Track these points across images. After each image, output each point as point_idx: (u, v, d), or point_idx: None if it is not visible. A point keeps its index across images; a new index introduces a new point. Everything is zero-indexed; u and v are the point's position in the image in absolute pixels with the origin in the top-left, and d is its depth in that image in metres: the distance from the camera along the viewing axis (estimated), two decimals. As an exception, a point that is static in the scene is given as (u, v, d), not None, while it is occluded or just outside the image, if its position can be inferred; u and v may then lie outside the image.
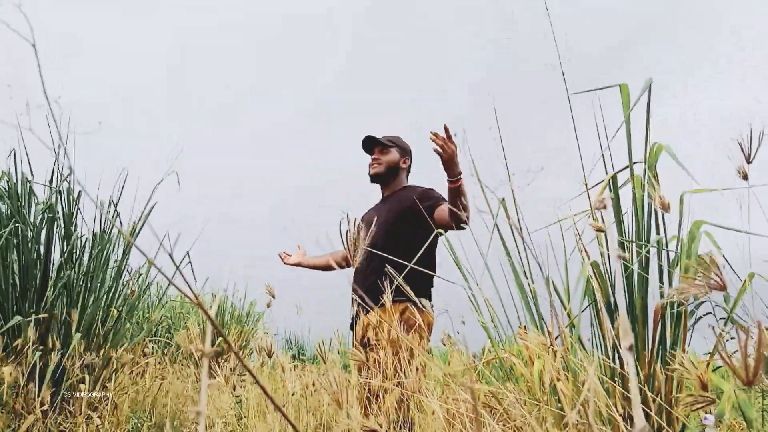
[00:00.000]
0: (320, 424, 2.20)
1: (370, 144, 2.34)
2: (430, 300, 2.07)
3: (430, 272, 2.07)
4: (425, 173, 2.42)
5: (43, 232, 2.36)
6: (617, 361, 1.38)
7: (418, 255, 1.97)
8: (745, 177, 1.30)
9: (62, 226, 2.39)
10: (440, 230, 2.06)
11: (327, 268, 2.59)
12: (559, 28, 1.48)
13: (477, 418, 0.41)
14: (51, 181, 2.39)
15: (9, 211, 2.26)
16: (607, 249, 1.45)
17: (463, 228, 1.96)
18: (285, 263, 2.55)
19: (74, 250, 2.41)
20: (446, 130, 1.72)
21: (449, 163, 1.78)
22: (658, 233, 1.45)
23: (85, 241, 2.48)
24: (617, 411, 1.09)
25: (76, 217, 2.44)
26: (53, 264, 2.37)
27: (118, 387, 2.50)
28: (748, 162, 1.31)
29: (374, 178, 2.35)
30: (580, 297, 1.39)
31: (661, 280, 1.42)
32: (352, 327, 2.20)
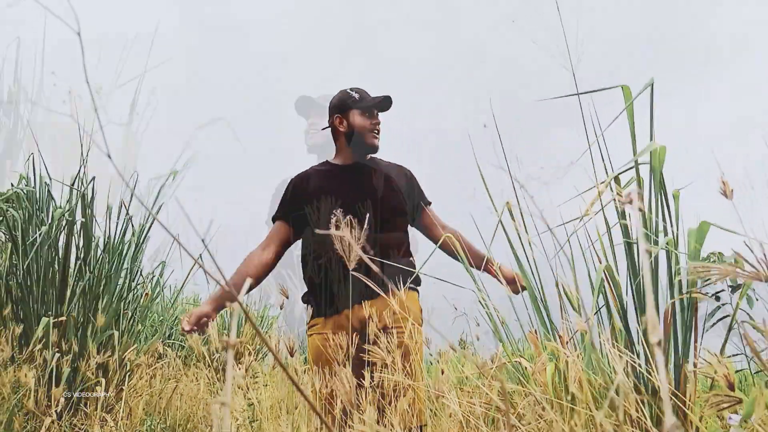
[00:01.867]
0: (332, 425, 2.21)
1: (385, 107, 1.97)
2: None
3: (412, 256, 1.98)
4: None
5: (62, 236, 2.39)
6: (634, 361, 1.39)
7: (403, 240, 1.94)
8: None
9: (80, 229, 2.42)
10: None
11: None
12: (570, 31, 1.49)
13: (508, 412, 0.43)
14: (72, 185, 2.41)
15: (28, 215, 2.29)
16: (618, 248, 1.46)
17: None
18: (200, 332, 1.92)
19: (91, 254, 2.44)
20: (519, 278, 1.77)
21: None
22: (666, 234, 1.46)
23: (99, 244, 2.51)
24: (635, 410, 1.10)
25: (93, 220, 2.47)
26: (71, 267, 2.40)
27: (132, 389, 2.53)
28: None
29: (373, 150, 1.96)
30: (593, 300, 1.40)
31: (670, 281, 1.43)
32: (327, 315, 1.84)
